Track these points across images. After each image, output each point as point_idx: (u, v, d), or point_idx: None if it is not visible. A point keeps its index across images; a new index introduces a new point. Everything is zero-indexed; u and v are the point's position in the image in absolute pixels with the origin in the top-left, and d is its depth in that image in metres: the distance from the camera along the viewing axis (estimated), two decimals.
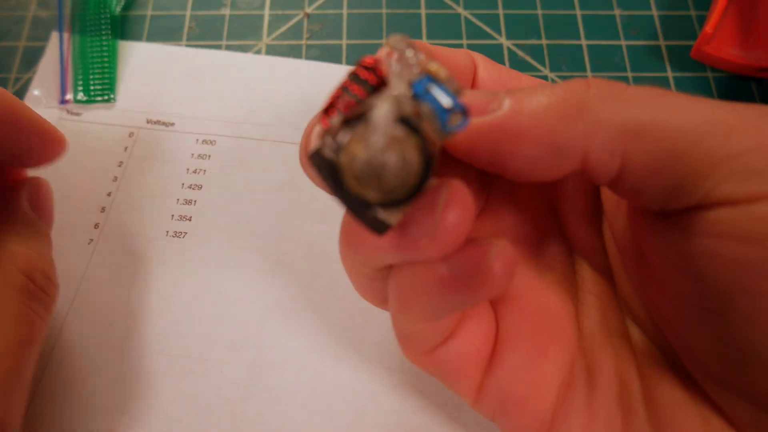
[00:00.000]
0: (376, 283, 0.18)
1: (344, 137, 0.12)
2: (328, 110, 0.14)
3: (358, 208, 0.13)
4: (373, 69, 0.14)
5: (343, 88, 0.14)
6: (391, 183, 0.12)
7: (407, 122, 0.12)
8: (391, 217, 0.14)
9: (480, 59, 0.20)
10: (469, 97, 0.16)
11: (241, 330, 0.25)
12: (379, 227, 0.14)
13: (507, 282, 0.15)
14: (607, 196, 0.20)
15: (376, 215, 0.13)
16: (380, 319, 0.25)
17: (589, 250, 0.20)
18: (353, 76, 0.14)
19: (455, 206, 0.14)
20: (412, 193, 0.13)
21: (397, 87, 0.13)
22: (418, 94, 0.13)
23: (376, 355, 0.24)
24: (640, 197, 0.16)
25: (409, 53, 0.14)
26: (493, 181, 0.20)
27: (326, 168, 0.13)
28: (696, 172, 0.14)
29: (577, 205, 0.20)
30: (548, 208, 0.21)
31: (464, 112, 0.13)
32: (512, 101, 0.16)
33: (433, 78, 0.13)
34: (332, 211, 0.27)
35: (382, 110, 0.12)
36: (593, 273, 0.20)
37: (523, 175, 0.16)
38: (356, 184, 0.13)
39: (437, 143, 0.14)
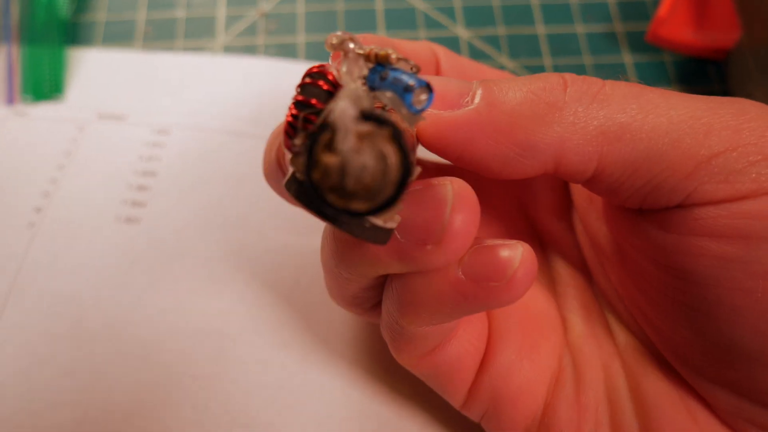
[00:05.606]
0: (369, 292, 0.17)
1: (313, 153, 0.11)
2: (287, 131, 0.13)
3: (351, 222, 0.12)
4: (322, 75, 0.13)
5: (297, 103, 0.13)
6: (374, 184, 0.11)
7: (372, 116, 0.11)
8: (387, 221, 0.13)
9: (441, 51, 0.19)
10: (439, 86, 0.15)
11: (202, 322, 0.24)
12: (380, 237, 0.13)
13: (528, 288, 0.14)
14: (578, 189, 0.19)
15: (373, 224, 0.12)
16: (345, 311, 0.24)
17: (562, 245, 0.20)
18: (303, 88, 0.13)
19: (463, 207, 0.13)
20: (399, 189, 0.12)
21: (350, 83, 0.12)
22: (375, 85, 0.12)
23: (343, 347, 0.23)
24: (617, 196, 0.16)
25: (352, 46, 0.13)
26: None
27: (305, 193, 0.12)
28: (675, 173, 0.14)
29: (546, 199, 0.20)
30: (516, 203, 0.20)
31: (427, 87, 0.12)
32: (485, 95, 0.15)
33: (385, 64, 0.13)
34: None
35: (340, 109, 0.11)
36: (568, 267, 0.20)
37: (492, 172, 0.16)
38: (339, 197, 0.12)
39: (410, 130, 0.13)
